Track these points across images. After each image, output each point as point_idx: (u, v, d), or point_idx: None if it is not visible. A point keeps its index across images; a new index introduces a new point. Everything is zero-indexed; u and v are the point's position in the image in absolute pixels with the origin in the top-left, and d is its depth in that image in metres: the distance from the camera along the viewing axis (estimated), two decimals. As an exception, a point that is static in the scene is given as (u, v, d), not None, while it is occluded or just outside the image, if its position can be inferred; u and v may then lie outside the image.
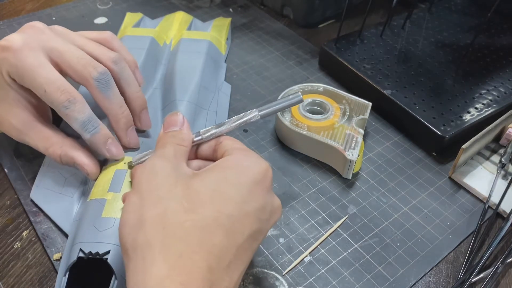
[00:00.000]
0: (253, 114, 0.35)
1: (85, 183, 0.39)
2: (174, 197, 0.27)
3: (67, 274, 0.31)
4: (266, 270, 0.36)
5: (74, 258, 0.31)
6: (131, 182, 0.36)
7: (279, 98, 0.46)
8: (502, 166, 0.43)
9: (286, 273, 0.35)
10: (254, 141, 0.46)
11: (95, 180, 0.37)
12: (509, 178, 0.43)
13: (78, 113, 0.35)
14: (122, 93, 0.38)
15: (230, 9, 0.66)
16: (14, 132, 0.37)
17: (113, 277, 0.30)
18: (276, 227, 0.39)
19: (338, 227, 0.39)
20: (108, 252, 0.31)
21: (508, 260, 0.36)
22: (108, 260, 0.31)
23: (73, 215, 0.37)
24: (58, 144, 0.36)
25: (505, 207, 0.40)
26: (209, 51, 0.51)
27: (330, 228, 0.39)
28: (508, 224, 0.38)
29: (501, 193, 0.41)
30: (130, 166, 0.36)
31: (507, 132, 0.45)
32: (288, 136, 0.45)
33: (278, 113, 0.44)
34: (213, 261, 0.25)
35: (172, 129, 0.32)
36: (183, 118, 0.33)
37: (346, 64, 0.52)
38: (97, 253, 0.31)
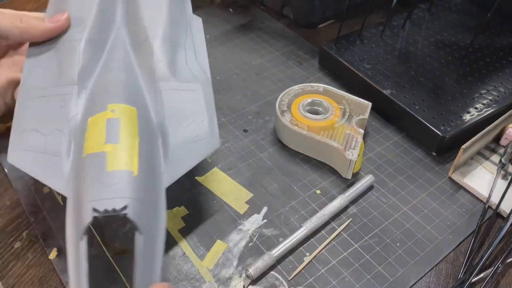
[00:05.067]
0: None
1: (70, 139, 0.34)
2: None
3: (85, 238, 0.27)
4: (266, 270, 0.36)
5: (88, 219, 0.27)
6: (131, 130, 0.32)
7: (280, 96, 0.46)
8: (502, 166, 0.43)
9: (291, 279, 0.35)
10: (254, 141, 0.46)
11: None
12: (509, 178, 0.43)
13: None
14: None
15: (230, 9, 0.66)
16: None
17: (137, 233, 0.27)
18: (276, 227, 0.39)
19: (341, 230, 0.39)
20: (125, 207, 0.28)
21: (508, 260, 0.36)
22: (128, 215, 0.27)
23: (65, 174, 0.32)
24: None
25: (505, 207, 0.40)
26: None
27: (331, 229, 0.39)
28: (508, 224, 0.38)
29: (501, 193, 0.41)
30: (249, 275, 0.35)
31: (507, 132, 0.45)
32: (288, 136, 0.45)
33: (278, 113, 0.44)
34: None
35: None
36: None
37: (346, 64, 0.52)
38: (114, 209, 0.27)
